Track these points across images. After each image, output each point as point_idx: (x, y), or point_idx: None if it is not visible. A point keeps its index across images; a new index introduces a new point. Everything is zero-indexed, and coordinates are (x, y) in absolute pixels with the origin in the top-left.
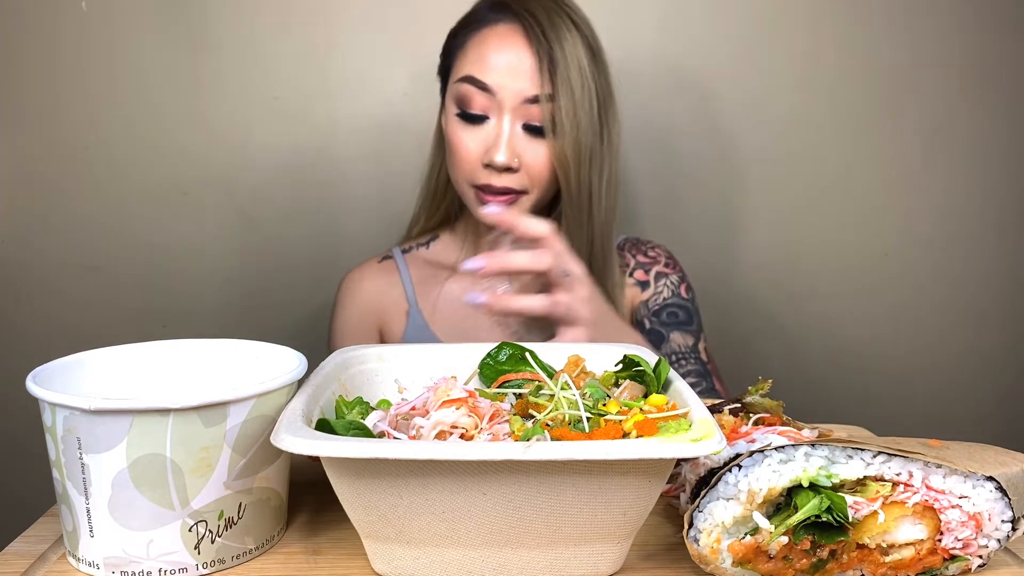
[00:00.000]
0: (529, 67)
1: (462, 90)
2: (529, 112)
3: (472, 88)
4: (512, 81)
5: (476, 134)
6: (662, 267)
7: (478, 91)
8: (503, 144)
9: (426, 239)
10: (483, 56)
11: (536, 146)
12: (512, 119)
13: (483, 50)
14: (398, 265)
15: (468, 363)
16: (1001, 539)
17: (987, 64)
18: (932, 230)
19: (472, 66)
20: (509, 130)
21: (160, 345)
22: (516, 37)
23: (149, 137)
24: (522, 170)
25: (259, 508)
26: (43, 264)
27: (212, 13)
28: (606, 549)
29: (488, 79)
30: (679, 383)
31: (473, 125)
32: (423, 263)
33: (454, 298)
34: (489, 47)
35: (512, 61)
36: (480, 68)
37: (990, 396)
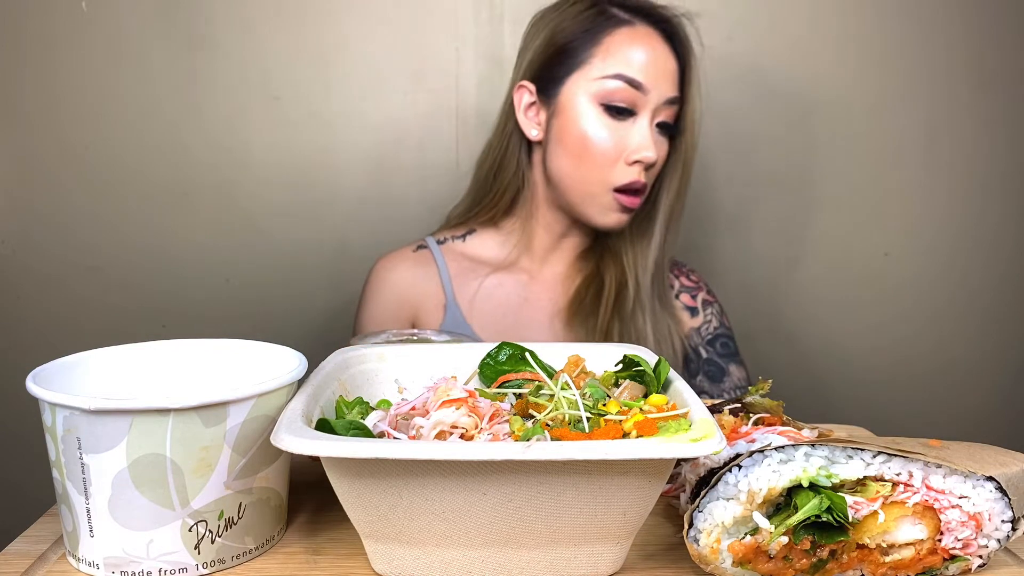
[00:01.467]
0: (672, 69)
1: (612, 87)
2: (668, 112)
3: (625, 86)
4: (660, 82)
5: (621, 129)
6: (706, 294)
7: (630, 88)
8: (650, 140)
9: (462, 232)
10: (630, 55)
11: (662, 144)
12: (652, 117)
13: (629, 49)
14: (434, 256)
15: (468, 363)
16: (1001, 539)
17: (989, 64)
18: (933, 230)
19: (621, 64)
20: (650, 126)
21: (160, 345)
22: (656, 39)
23: (149, 137)
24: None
25: (259, 508)
26: (43, 264)
27: (212, 13)
28: (606, 549)
29: (641, 78)
30: (679, 383)
31: (617, 121)
32: (460, 256)
33: (493, 295)
34: (635, 47)
35: (661, 64)
36: (630, 67)
37: (990, 396)
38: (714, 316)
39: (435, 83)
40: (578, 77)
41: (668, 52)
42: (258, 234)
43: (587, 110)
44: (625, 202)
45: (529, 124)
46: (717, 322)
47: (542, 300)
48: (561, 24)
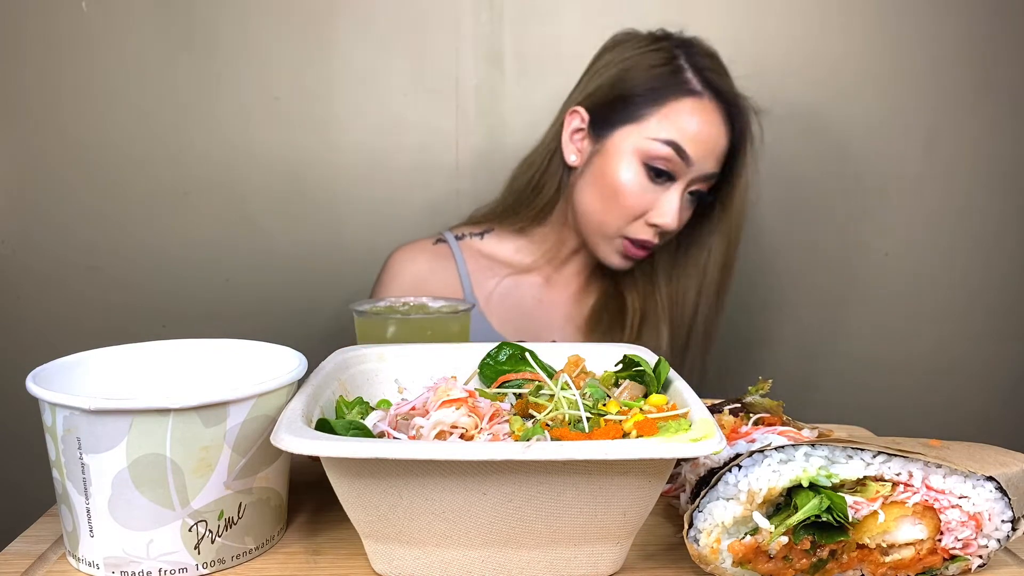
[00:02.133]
0: (721, 148)
1: (661, 151)
2: (705, 184)
3: (672, 153)
4: (707, 157)
5: (653, 191)
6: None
7: (677, 158)
8: (676, 212)
9: (480, 230)
10: (687, 127)
11: (687, 211)
12: (686, 187)
13: (688, 121)
14: (453, 251)
15: (468, 363)
16: (1001, 539)
17: (990, 65)
18: (933, 230)
19: (677, 132)
20: (682, 195)
21: (160, 345)
22: (716, 116)
23: (149, 137)
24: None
25: (259, 508)
26: (43, 264)
27: (212, 13)
28: (606, 549)
29: (690, 150)
30: (679, 383)
31: (655, 184)
32: (477, 254)
33: (510, 294)
34: (694, 119)
35: (712, 140)
36: (684, 138)
37: (990, 396)
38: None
39: (435, 83)
40: (632, 129)
41: (724, 130)
42: (258, 234)
43: (630, 162)
44: (632, 252)
45: (571, 149)
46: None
47: (556, 302)
48: (633, 71)
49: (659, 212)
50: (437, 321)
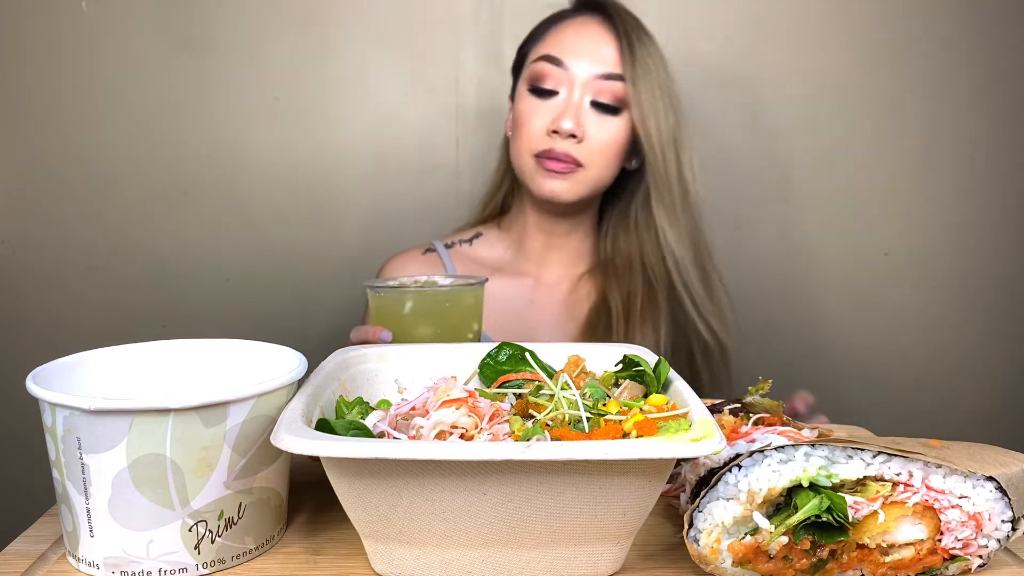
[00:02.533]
0: (607, 49)
1: (536, 68)
2: (601, 88)
3: (546, 64)
4: (587, 59)
5: (545, 107)
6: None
7: (552, 67)
8: (571, 112)
9: (469, 236)
10: (561, 38)
11: (604, 122)
12: (582, 93)
13: (562, 34)
14: (442, 260)
15: (468, 363)
16: (1001, 539)
17: (988, 64)
18: (933, 230)
19: (549, 47)
20: (578, 101)
21: (160, 345)
22: (596, 25)
23: (149, 137)
24: (585, 142)
25: (259, 508)
26: (43, 264)
27: (212, 13)
28: (606, 549)
29: (562, 55)
30: (679, 383)
31: (543, 99)
32: (467, 260)
33: (499, 298)
34: (568, 31)
35: (589, 42)
36: (556, 48)
37: (991, 396)
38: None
39: (435, 83)
40: (524, 70)
41: (603, 31)
42: (258, 234)
43: (522, 94)
44: (547, 166)
45: (507, 128)
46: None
47: (548, 303)
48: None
49: (553, 118)
50: (453, 293)
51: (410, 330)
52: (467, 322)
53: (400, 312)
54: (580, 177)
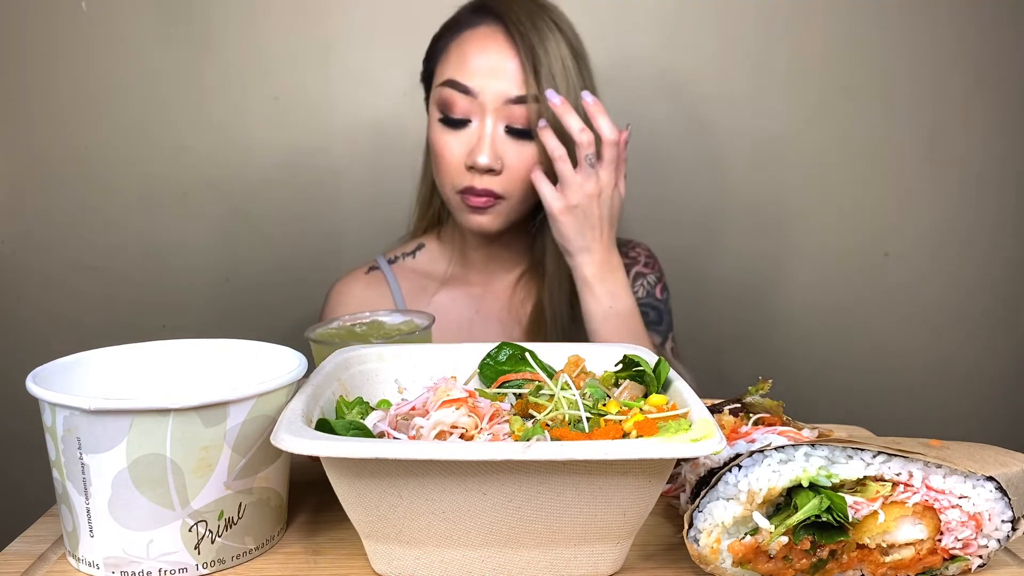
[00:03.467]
0: (511, 68)
1: (444, 95)
2: (512, 113)
3: (454, 92)
4: (494, 83)
5: (459, 138)
6: (641, 267)
7: (460, 94)
8: (486, 146)
9: (412, 248)
10: (464, 59)
11: (520, 148)
12: (495, 120)
13: (464, 53)
14: (386, 277)
15: (468, 363)
16: (1001, 539)
17: (986, 64)
18: (932, 230)
19: (453, 70)
20: (492, 132)
21: (160, 345)
22: (498, 38)
23: (149, 137)
24: (505, 173)
25: (259, 508)
26: (43, 264)
27: (212, 13)
28: (606, 549)
29: (469, 82)
30: (679, 383)
31: (455, 129)
32: (411, 273)
33: (446, 309)
34: (470, 50)
35: (493, 62)
36: (461, 71)
37: (990, 396)
38: (642, 287)
39: None
40: (433, 91)
41: (507, 50)
42: (258, 234)
43: (433, 121)
44: (470, 202)
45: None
46: (644, 292)
47: (493, 310)
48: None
49: (472, 153)
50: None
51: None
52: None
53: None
54: (502, 209)
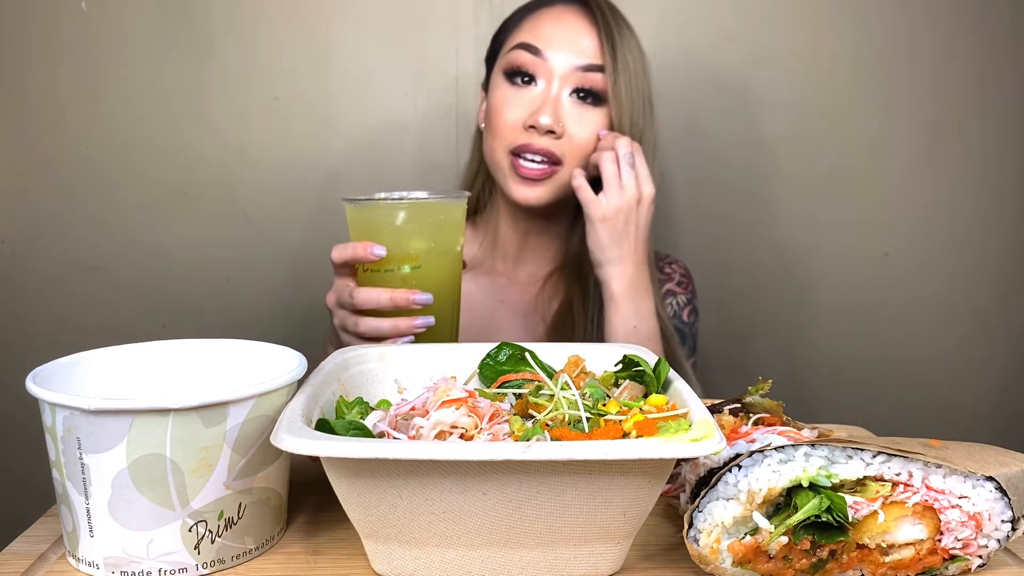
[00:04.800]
0: (587, 40)
1: (512, 57)
2: (582, 78)
3: (523, 52)
4: (566, 48)
5: (522, 96)
6: (673, 285)
7: (529, 55)
8: (550, 106)
9: None
10: (537, 27)
11: (585, 115)
12: (561, 85)
13: (538, 23)
14: None
15: (468, 363)
16: (1001, 539)
17: (987, 63)
18: (932, 230)
19: (526, 35)
20: (557, 94)
21: (160, 345)
22: (576, 13)
23: (149, 137)
24: (565, 138)
25: (259, 508)
26: (43, 264)
27: (212, 14)
28: (606, 549)
29: (541, 45)
30: (679, 383)
31: (520, 88)
32: None
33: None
34: (545, 20)
35: (569, 33)
36: (534, 36)
37: (990, 396)
38: (670, 306)
39: (435, 83)
40: (499, 60)
41: (582, 22)
42: (258, 234)
43: (498, 83)
44: (520, 168)
45: (479, 119)
46: (671, 311)
47: (518, 302)
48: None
49: (534, 113)
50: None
51: (405, 243)
52: (456, 236)
53: (393, 225)
54: (557, 180)
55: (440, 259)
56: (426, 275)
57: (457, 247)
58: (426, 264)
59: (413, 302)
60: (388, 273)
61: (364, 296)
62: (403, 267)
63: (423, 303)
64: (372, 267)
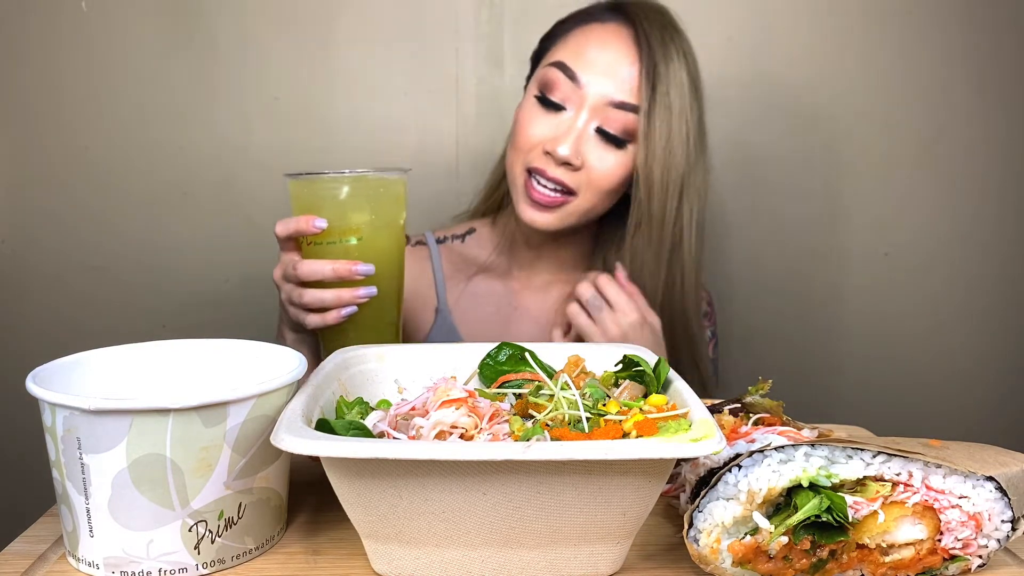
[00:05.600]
0: (627, 73)
1: (548, 75)
2: (610, 116)
3: (559, 74)
4: (604, 80)
5: (548, 120)
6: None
7: (565, 78)
8: (572, 137)
9: (463, 231)
10: (581, 48)
11: (606, 153)
12: (590, 117)
13: (584, 42)
14: (431, 253)
15: (468, 363)
16: (1001, 539)
17: (987, 63)
18: (932, 230)
19: (567, 54)
20: (583, 127)
21: (160, 345)
22: (624, 39)
23: (149, 137)
24: (582, 172)
25: (259, 508)
26: (43, 264)
27: (212, 13)
28: (606, 549)
29: (579, 70)
30: (679, 383)
31: (548, 111)
32: (456, 256)
33: (478, 295)
34: (591, 41)
35: (611, 61)
36: (575, 58)
37: (990, 396)
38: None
39: (435, 83)
40: (539, 69)
41: (628, 49)
42: (258, 234)
43: (528, 97)
44: (532, 191)
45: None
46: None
47: (532, 308)
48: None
49: (552, 137)
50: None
51: (346, 216)
52: (397, 210)
53: (335, 198)
54: (569, 209)
55: (382, 231)
56: (368, 247)
57: (399, 220)
58: (367, 236)
59: (355, 272)
60: (330, 246)
61: (307, 268)
62: (346, 239)
63: (365, 273)
64: (315, 240)
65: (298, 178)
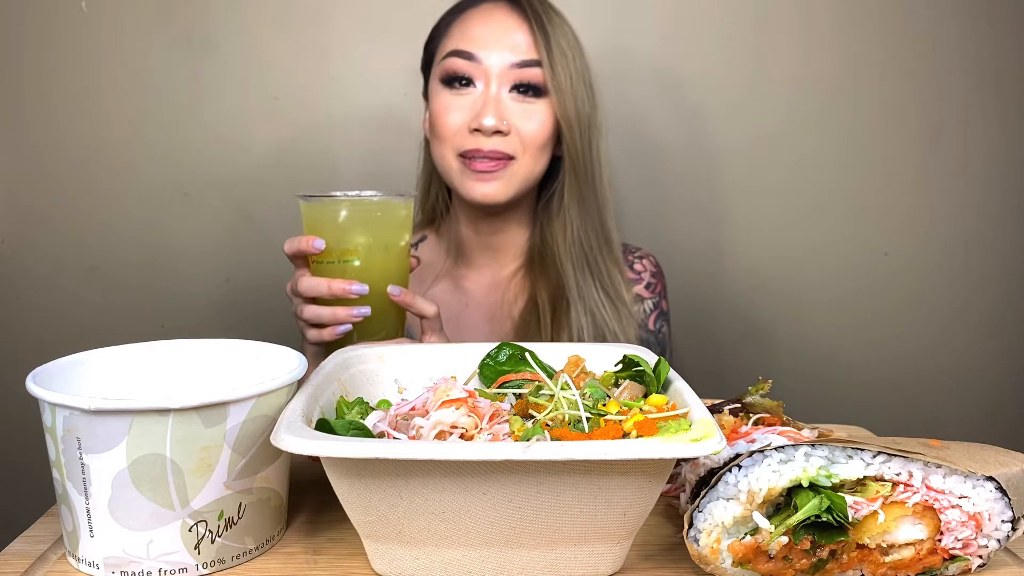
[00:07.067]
0: (519, 36)
1: (447, 65)
2: (519, 75)
3: (458, 60)
4: (498, 47)
5: (462, 100)
6: (641, 288)
7: (463, 61)
8: (492, 107)
9: (415, 240)
10: (468, 31)
11: (528, 109)
12: (499, 84)
13: (468, 26)
14: None
15: (468, 363)
16: (1001, 539)
17: (987, 63)
18: (932, 230)
19: (457, 42)
20: (496, 93)
21: (160, 345)
22: (504, 11)
23: (149, 137)
24: (512, 134)
25: (259, 508)
26: (43, 264)
27: (212, 13)
28: (606, 549)
29: (474, 49)
30: (679, 383)
31: (459, 92)
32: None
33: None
34: (474, 23)
35: (498, 32)
36: (466, 42)
37: (991, 396)
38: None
39: None
40: (434, 68)
41: (511, 17)
42: (258, 234)
43: (437, 90)
44: (473, 166)
45: (424, 128)
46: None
47: (484, 304)
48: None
49: (477, 116)
50: (386, 203)
51: (344, 238)
52: (398, 233)
53: (335, 220)
54: (512, 171)
55: (380, 254)
56: (366, 268)
57: (400, 243)
58: (366, 258)
59: (349, 292)
60: (331, 265)
61: (306, 284)
62: (346, 259)
63: (358, 293)
64: (318, 259)
65: (306, 199)
